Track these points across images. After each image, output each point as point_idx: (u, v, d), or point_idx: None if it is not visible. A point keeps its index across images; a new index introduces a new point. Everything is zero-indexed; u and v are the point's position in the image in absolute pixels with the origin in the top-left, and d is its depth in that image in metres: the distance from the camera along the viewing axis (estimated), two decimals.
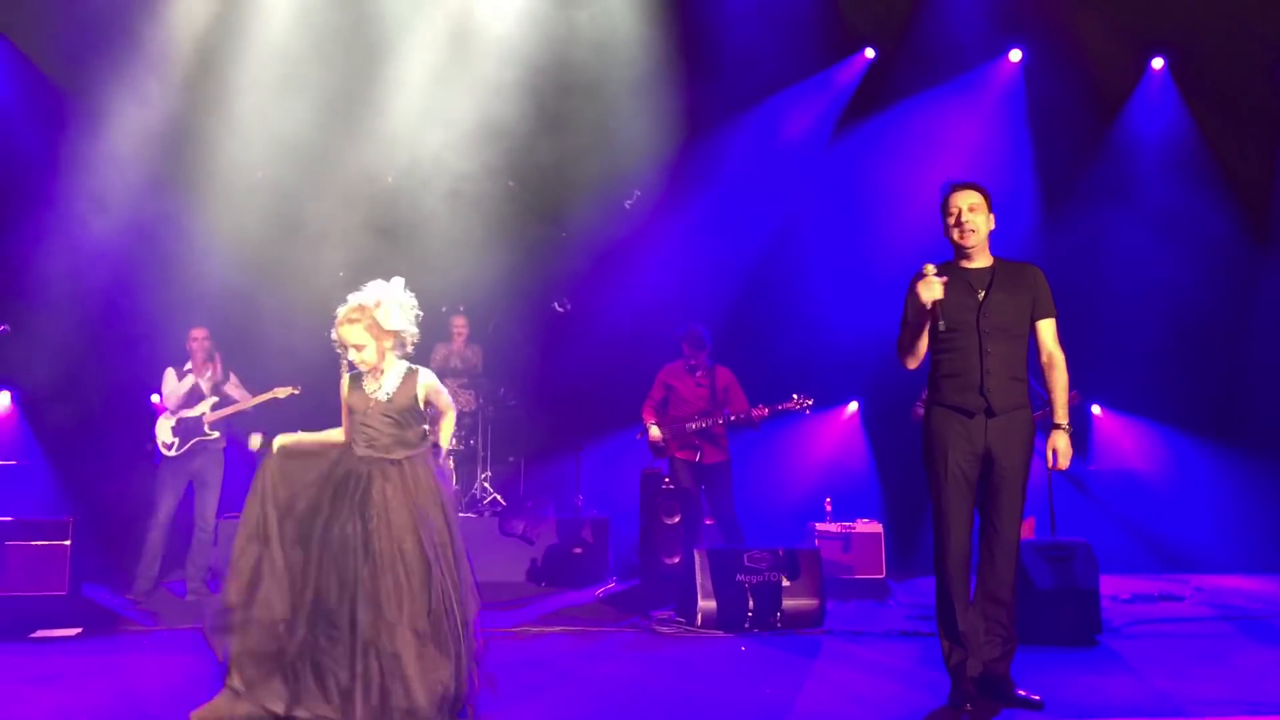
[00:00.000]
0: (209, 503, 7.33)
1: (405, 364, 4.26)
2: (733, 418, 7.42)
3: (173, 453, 7.27)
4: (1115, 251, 9.77)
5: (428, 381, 4.25)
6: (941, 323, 4.28)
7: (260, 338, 8.34)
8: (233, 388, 7.47)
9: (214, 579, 7.31)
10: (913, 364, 4.50)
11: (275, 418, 8.37)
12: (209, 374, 7.38)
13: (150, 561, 7.20)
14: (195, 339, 7.38)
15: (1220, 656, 5.49)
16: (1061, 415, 4.34)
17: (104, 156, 8.50)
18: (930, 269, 4.32)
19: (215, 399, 7.36)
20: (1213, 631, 6.25)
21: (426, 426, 4.26)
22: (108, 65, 8.38)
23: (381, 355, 4.18)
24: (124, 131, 8.50)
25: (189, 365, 7.41)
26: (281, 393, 7.27)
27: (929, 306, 4.26)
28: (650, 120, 9.42)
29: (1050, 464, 4.34)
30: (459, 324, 9.30)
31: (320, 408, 4.19)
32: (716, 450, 7.55)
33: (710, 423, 7.45)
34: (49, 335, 7.91)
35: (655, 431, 7.55)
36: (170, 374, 7.42)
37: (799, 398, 7.36)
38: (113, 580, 7.55)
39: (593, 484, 9.17)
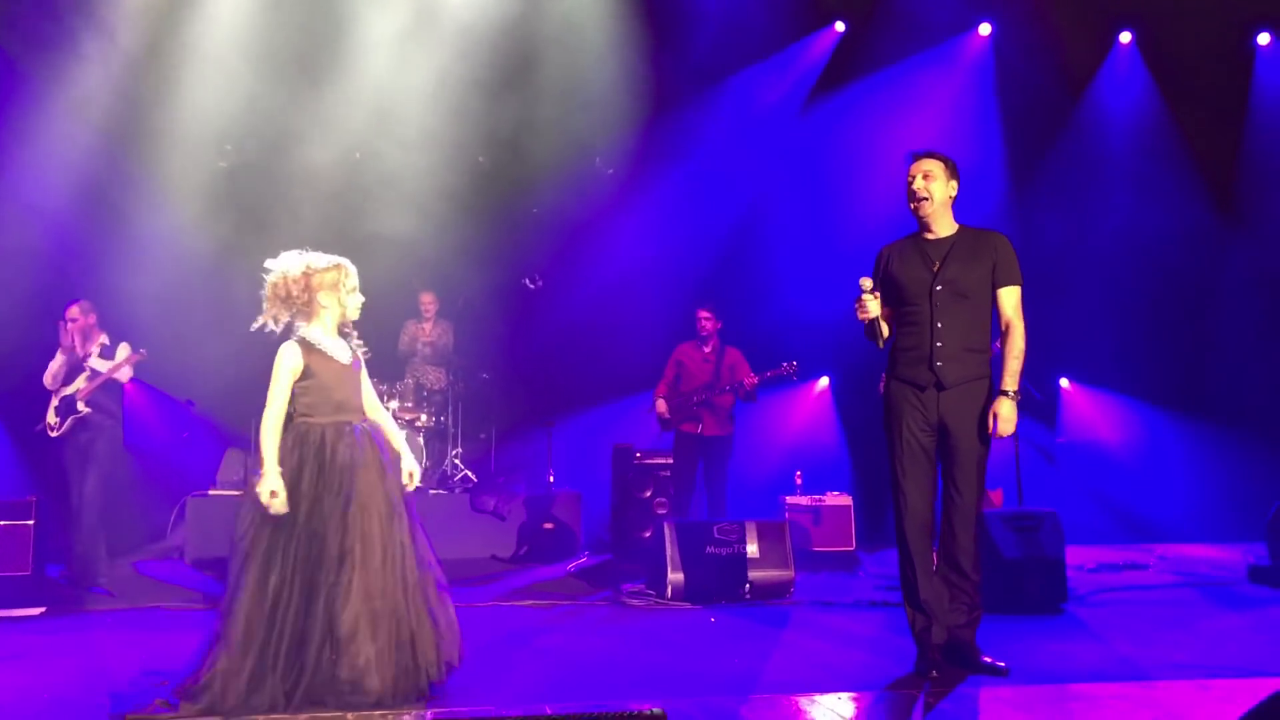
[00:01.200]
0: (90, 482, 6.85)
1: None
2: (728, 387, 7.55)
3: (55, 433, 6.93)
4: (1083, 225, 9.84)
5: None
6: (884, 329, 4.43)
7: (215, 312, 8.29)
8: (101, 362, 6.99)
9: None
10: (881, 344, 4.52)
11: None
12: (92, 349, 6.94)
13: (92, 545, 6.83)
14: (67, 317, 6.95)
15: (1183, 622, 5.56)
16: (1010, 382, 4.29)
17: (54, 122, 8.34)
18: (866, 284, 4.40)
19: (89, 373, 6.92)
20: (1176, 598, 6.34)
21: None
22: (59, 30, 8.21)
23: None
24: (76, 96, 8.34)
25: (94, 343, 6.99)
26: (130, 360, 6.93)
27: (867, 323, 4.37)
28: (620, 94, 9.36)
29: (990, 429, 4.28)
30: (427, 300, 9.25)
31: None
32: (718, 424, 7.69)
33: (710, 395, 7.59)
34: (4, 309, 7.78)
35: (661, 405, 7.77)
36: (60, 353, 7.03)
37: (786, 364, 7.55)
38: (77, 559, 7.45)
39: (564, 460, 9.16)
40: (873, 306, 4.36)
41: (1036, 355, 8.23)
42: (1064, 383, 10.18)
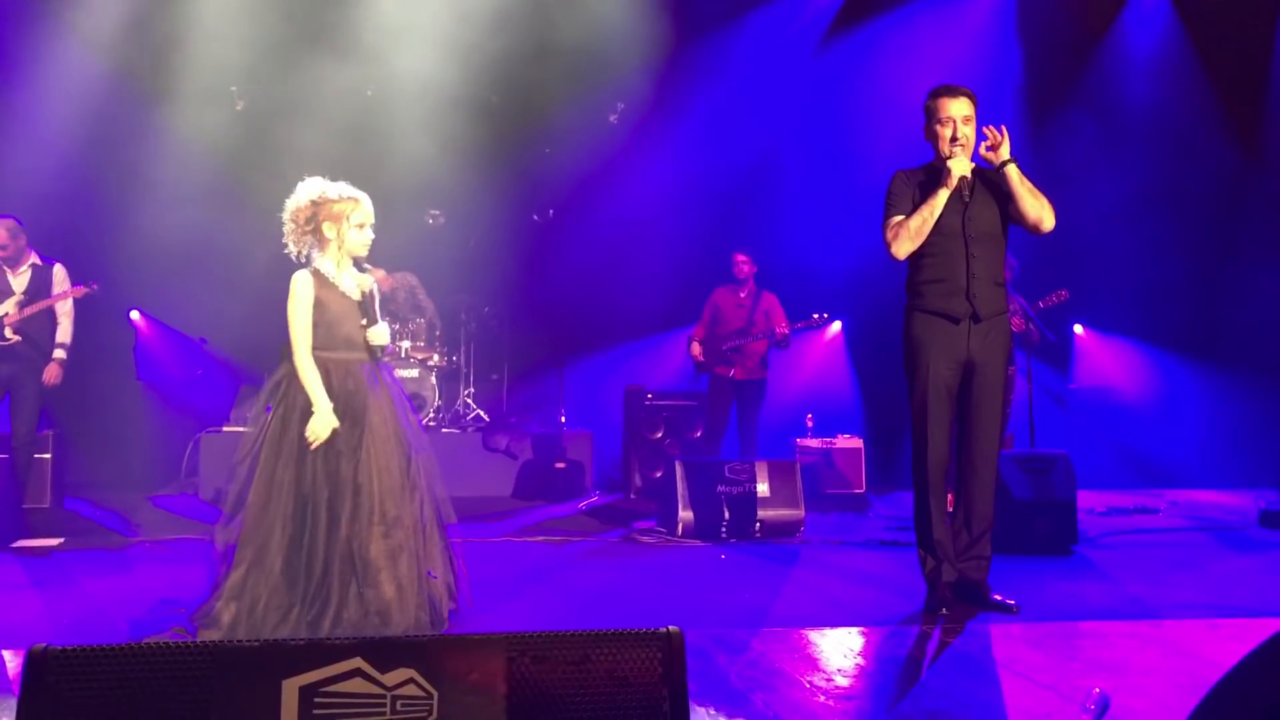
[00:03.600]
0: (20, 415, 6.37)
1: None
2: (760, 335, 7.65)
3: None
4: (1101, 168, 9.71)
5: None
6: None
7: (226, 249, 8.29)
8: (57, 285, 6.52)
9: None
10: (904, 253, 4.34)
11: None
12: (21, 272, 6.44)
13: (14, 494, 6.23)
14: None
15: (1193, 564, 5.58)
16: (1010, 166, 4.25)
17: (63, 54, 8.28)
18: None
19: (20, 298, 6.38)
20: (1187, 541, 6.35)
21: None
22: None
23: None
24: (86, 27, 8.28)
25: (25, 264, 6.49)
26: (77, 293, 6.52)
27: (954, 183, 4.22)
28: (634, 35, 9.25)
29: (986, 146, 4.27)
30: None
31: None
32: (752, 367, 7.82)
33: (743, 341, 7.68)
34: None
35: (695, 348, 7.91)
36: None
37: (817, 315, 7.76)
38: (95, 493, 7.55)
39: (576, 400, 9.19)
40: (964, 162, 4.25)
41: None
42: (1078, 329, 10.13)
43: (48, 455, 7.11)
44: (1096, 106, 9.88)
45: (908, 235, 4.30)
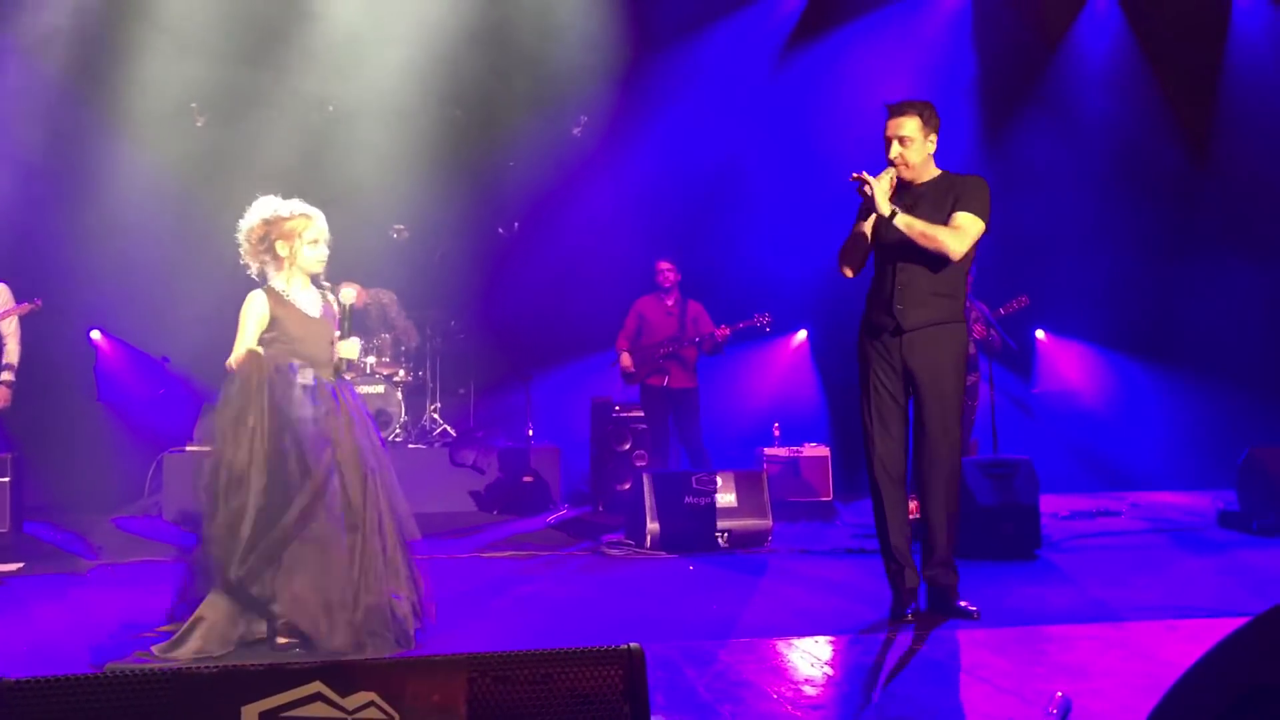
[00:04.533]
0: None
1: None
2: (697, 339, 7.61)
3: None
4: (1057, 176, 9.85)
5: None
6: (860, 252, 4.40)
7: (188, 268, 8.20)
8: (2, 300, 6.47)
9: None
10: (848, 272, 4.50)
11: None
12: None
13: None
14: None
15: (1154, 566, 5.66)
16: (898, 215, 4.19)
17: (13, 62, 8.21)
18: (891, 173, 4.35)
19: None
20: (1148, 543, 6.44)
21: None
22: None
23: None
24: (38, 34, 8.21)
25: None
26: (21, 310, 6.45)
27: (866, 196, 4.26)
28: (596, 47, 9.28)
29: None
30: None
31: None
32: (685, 376, 7.75)
33: (678, 347, 7.63)
34: None
35: (626, 359, 7.80)
36: None
37: (759, 316, 7.57)
38: (56, 516, 7.45)
39: (543, 414, 9.18)
40: (882, 196, 4.22)
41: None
42: (1039, 334, 10.25)
43: (6, 479, 6.96)
44: (1052, 112, 10.02)
45: (841, 255, 4.51)
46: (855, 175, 4.27)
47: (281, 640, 3.76)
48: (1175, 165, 9.93)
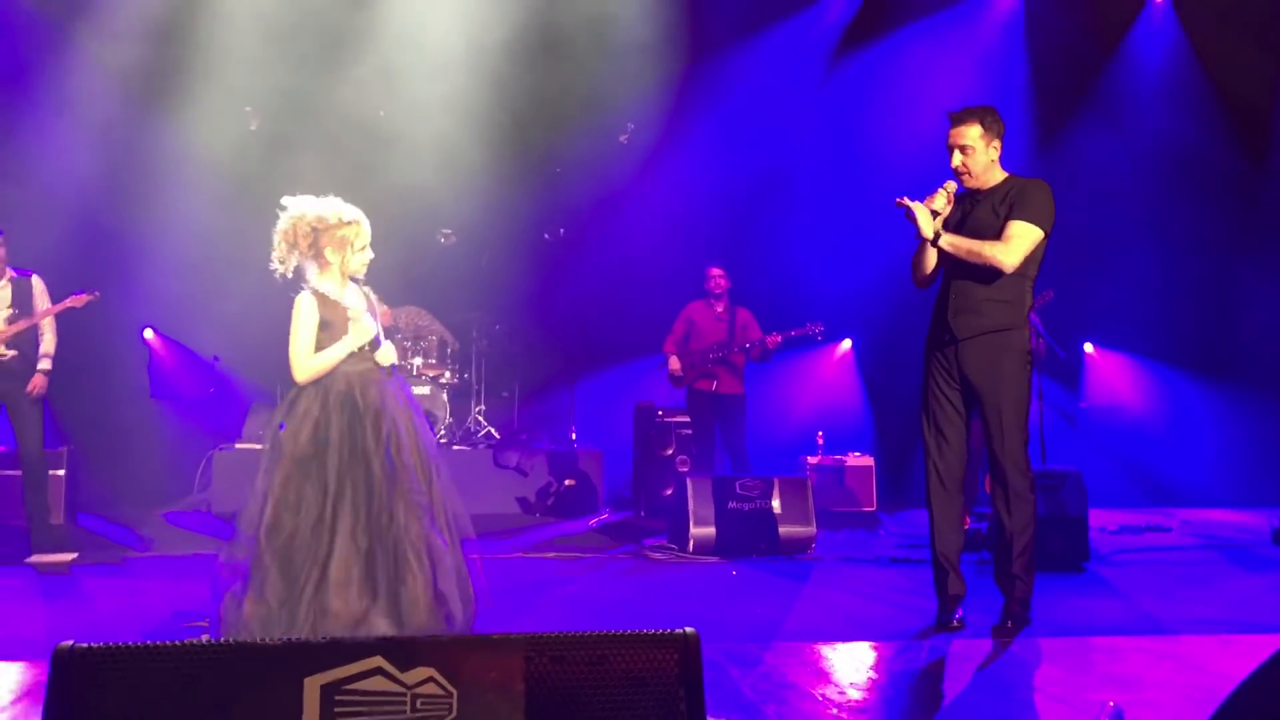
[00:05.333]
0: (28, 432, 6.24)
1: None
2: (747, 346, 7.62)
3: None
4: (1112, 184, 9.73)
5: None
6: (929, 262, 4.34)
7: (238, 269, 8.30)
8: (38, 297, 6.40)
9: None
10: (920, 283, 4.50)
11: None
12: (2, 286, 6.28)
13: (37, 508, 6.21)
14: None
15: (1205, 581, 5.57)
16: (942, 237, 4.20)
17: (74, 76, 8.37)
18: (949, 187, 4.32)
19: (9, 311, 6.25)
20: (1198, 559, 6.34)
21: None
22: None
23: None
24: (97, 51, 8.38)
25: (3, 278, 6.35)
26: (78, 301, 6.36)
27: (924, 231, 4.24)
28: (644, 53, 9.31)
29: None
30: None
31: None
32: (733, 381, 7.77)
33: (727, 352, 7.66)
34: (41, 262, 7.84)
35: (674, 362, 7.83)
36: None
37: (811, 324, 7.53)
38: (108, 509, 7.59)
39: (587, 417, 9.21)
40: (925, 221, 4.21)
41: (1061, 318, 8.24)
42: (1088, 347, 10.13)
43: (61, 471, 7.13)
44: (1105, 118, 9.90)
45: (912, 267, 4.47)
46: (899, 201, 4.26)
47: None
48: (1233, 173, 9.78)
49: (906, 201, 4.24)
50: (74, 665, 1.43)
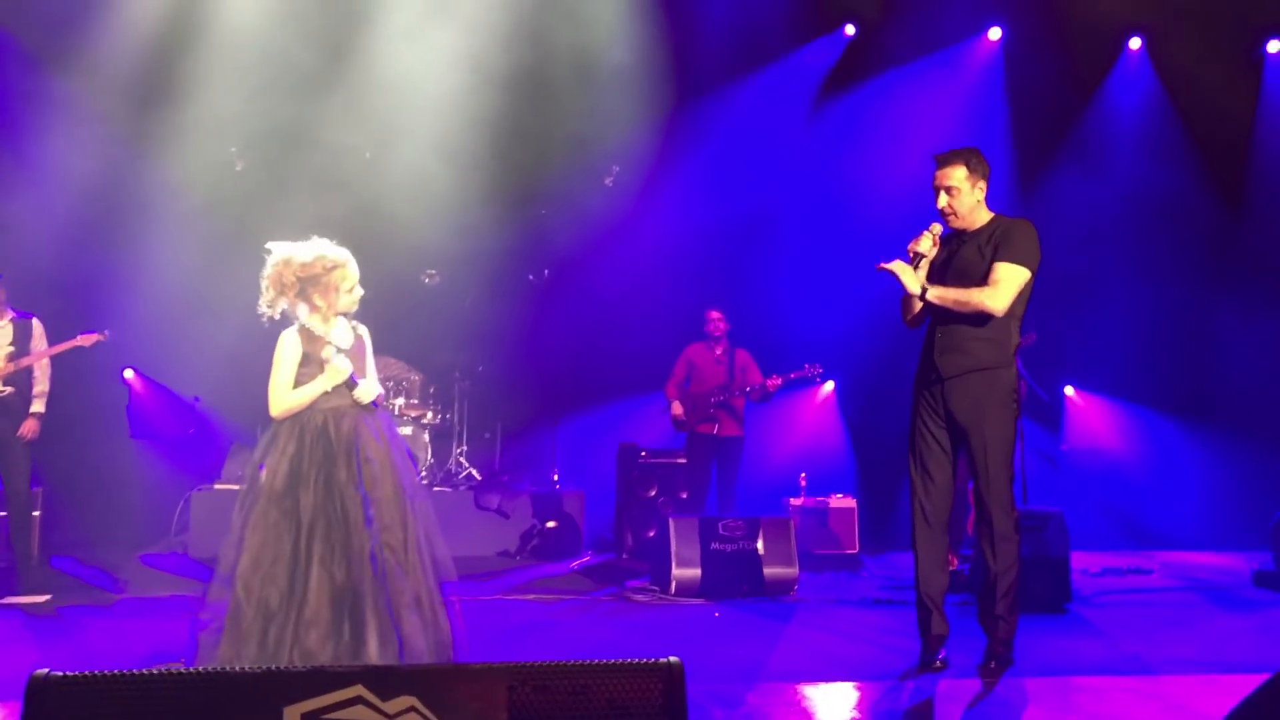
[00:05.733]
0: (17, 470, 6.28)
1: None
2: (748, 389, 7.67)
3: None
4: (1090, 230, 9.84)
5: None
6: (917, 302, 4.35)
7: (220, 309, 8.28)
8: (37, 339, 6.48)
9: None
10: (908, 322, 4.53)
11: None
12: (3, 326, 6.37)
13: (22, 547, 6.29)
14: None
15: (1188, 622, 5.57)
16: (929, 290, 4.24)
17: (57, 110, 8.40)
18: (936, 229, 4.36)
19: (9, 349, 6.32)
20: (1180, 601, 6.34)
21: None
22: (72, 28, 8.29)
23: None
24: (83, 85, 8.41)
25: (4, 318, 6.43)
26: (86, 340, 6.42)
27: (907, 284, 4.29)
28: (630, 97, 9.40)
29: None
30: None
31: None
32: (733, 424, 7.82)
33: (729, 396, 7.70)
34: (21, 301, 7.82)
35: (677, 407, 7.87)
36: None
37: (809, 366, 7.61)
38: (83, 551, 7.49)
39: (569, 459, 9.17)
40: (909, 279, 4.27)
41: (1042, 361, 8.30)
42: (1069, 390, 10.18)
43: (37, 513, 7.04)
44: (1086, 167, 10.03)
45: (901, 309, 4.51)
46: (880, 267, 4.31)
47: None
48: (1210, 223, 9.91)
49: (888, 266, 4.29)
50: (49, 694, 1.41)
